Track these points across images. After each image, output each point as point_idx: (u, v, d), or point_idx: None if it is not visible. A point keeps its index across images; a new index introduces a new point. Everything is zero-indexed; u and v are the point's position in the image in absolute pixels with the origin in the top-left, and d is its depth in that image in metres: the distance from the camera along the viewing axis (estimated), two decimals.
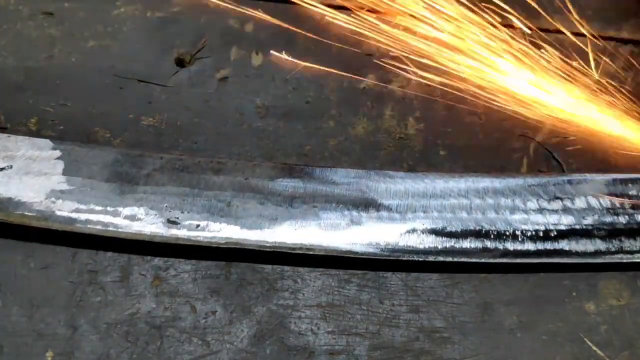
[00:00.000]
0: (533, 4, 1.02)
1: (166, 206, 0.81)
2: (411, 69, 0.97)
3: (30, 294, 0.80)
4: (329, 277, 0.84)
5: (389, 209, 0.83)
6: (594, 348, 0.81)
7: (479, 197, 0.85)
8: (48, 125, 0.92)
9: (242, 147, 0.93)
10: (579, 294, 0.84)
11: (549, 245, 0.82)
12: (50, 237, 0.82)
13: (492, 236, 0.82)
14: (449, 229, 0.82)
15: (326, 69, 1.00)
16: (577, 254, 0.82)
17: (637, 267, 0.85)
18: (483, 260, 0.81)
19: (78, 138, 0.90)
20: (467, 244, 0.81)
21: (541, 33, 1.06)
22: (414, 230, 0.82)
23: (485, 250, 0.81)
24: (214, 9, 1.03)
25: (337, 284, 0.83)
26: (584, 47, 1.00)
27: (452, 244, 0.81)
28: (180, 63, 0.99)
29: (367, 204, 0.83)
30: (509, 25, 1.00)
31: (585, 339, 0.81)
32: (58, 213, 0.80)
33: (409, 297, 0.83)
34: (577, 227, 0.83)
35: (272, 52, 1.00)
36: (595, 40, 1.02)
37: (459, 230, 0.82)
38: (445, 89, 0.98)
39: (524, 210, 0.84)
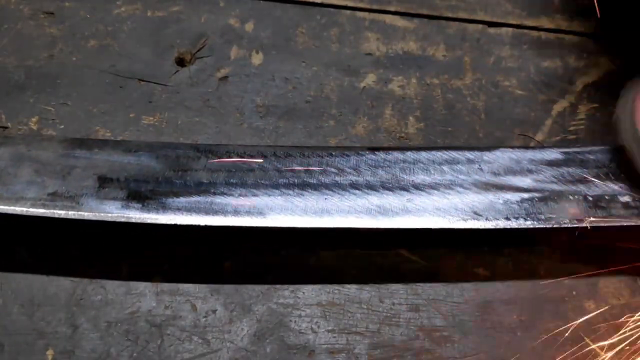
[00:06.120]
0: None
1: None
2: None
3: (31, 293, 0.80)
4: None
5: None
6: (594, 347, 0.81)
7: None
8: (49, 124, 0.92)
9: None
10: (579, 292, 0.84)
11: None
12: (50, 236, 0.82)
13: None
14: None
15: (326, 68, 1.00)
16: None
17: None
18: None
19: (79, 137, 0.90)
20: None
21: (541, 32, 1.06)
22: None
23: None
24: (214, 8, 1.04)
25: (337, 283, 0.83)
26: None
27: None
28: (181, 62, 0.99)
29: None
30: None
31: (585, 338, 0.81)
32: None
33: (409, 296, 0.83)
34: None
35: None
36: None
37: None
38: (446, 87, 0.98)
39: None
